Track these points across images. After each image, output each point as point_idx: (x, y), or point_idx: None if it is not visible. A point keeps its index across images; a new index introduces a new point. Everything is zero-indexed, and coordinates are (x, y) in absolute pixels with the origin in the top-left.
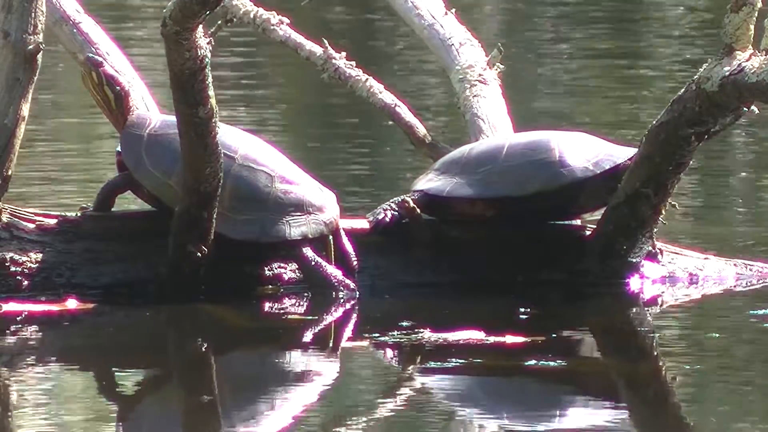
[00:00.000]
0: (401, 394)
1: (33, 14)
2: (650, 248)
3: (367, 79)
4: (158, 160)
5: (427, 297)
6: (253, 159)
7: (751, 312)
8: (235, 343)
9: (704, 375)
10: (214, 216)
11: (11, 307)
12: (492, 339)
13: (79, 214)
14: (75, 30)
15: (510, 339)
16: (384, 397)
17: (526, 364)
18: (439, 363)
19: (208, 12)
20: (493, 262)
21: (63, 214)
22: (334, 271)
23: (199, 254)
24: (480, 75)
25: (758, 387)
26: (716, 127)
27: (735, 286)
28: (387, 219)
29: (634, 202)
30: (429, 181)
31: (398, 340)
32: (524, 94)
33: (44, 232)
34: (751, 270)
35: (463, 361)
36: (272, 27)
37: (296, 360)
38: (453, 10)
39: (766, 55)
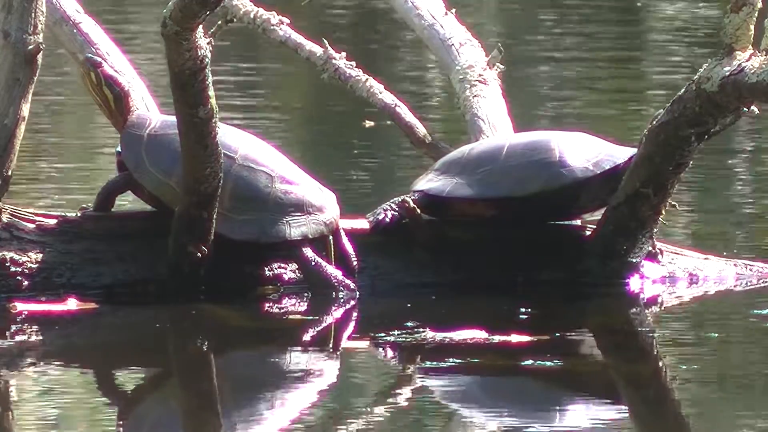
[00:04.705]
0: (402, 394)
1: (33, 14)
2: (650, 248)
3: (367, 79)
4: (158, 160)
5: (427, 297)
6: (253, 159)
7: (752, 312)
8: (235, 343)
9: (704, 375)
10: (214, 216)
11: (24, 307)
12: (497, 339)
13: (79, 214)
14: (75, 30)
15: (515, 338)
16: (384, 397)
17: (527, 363)
18: (441, 363)
19: (208, 12)
20: (493, 262)
21: (63, 214)
22: (334, 272)
23: (199, 254)
24: (480, 75)
25: (758, 387)
26: (716, 128)
27: (735, 286)
28: (387, 219)
29: (634, 202)
30: (429, 182)
31: (399, 340)
32: (524, 94)
33: (44, 232)
34: (751, 270)
35: (465, 360)
36: (272, 27)
37: (296, 360)
38: (453, 10)
39: (766, 55)
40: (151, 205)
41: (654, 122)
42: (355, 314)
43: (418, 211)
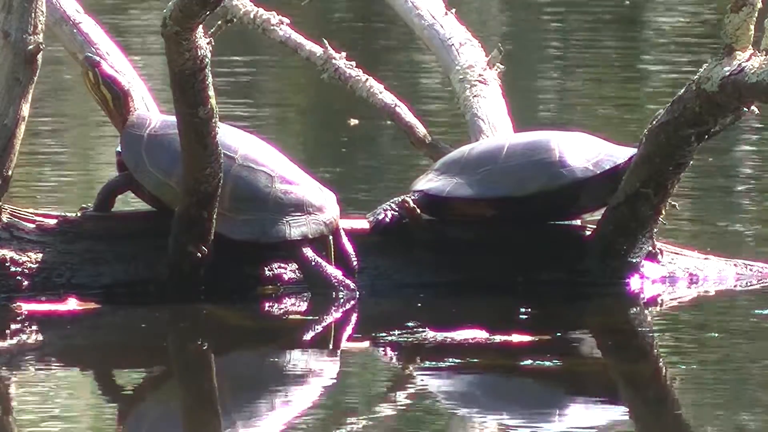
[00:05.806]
0: (402, 394)
1: (33, 14)
2: (650, 248)
3: (367, 79)
4: (158, 160)
5: (427, 297)
6: (253, 159)
7: (752, 311)
8: (235, 343)
9: (704, 375)
10: (214, 216)
11: (28, 307)
12: (497, 339)
13: (79, 214)
14: (75, 30)
15: (515, 338)
16: (384, 397)
17: (527, 363)
18: (441, 363)
19: (208, 12)
20: (493, 262)
21: (63, 214)
22: (334, 272)
23: (199, 254)
24: (480, 75)
25: (758, 387)
26: (716, 128)
27: (735, 286)
28: (387, 219)
29: (634, 202)
30: (429, 181)
31: (399, 340)
32: (524, 94)
33: (44, 232)
34: (751, 270)
35: (465, 360)
36: (272, 27)
37: (296, 360)
38: (453, 11)
39: (766, 55)
40: (151, 205)
41: (654, 122)
42: (355, 314)
43: (418, 211)
